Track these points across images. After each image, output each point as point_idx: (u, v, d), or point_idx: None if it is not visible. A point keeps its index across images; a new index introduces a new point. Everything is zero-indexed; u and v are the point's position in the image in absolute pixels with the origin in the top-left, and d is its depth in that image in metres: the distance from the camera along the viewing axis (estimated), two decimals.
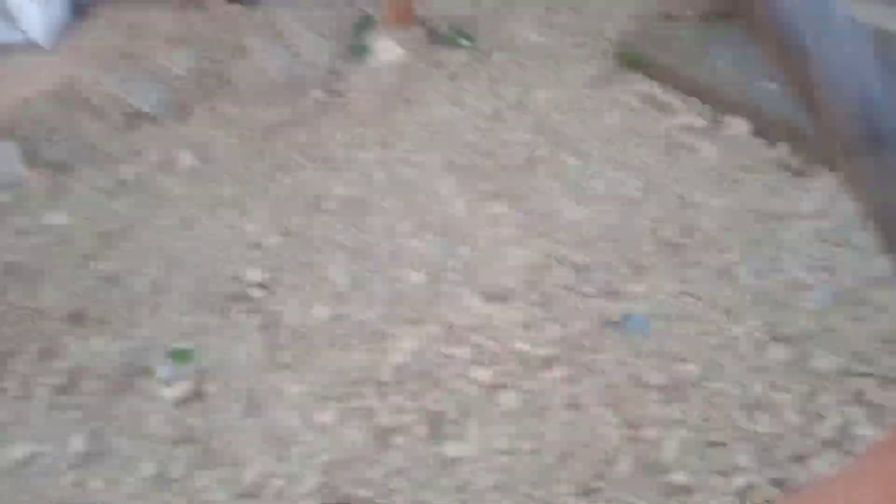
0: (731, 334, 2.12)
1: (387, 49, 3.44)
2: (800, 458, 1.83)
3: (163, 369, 2.13)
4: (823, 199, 2.55)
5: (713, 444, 1.88)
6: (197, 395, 2.07)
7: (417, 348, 2.13)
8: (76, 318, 2.28)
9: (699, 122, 2.95)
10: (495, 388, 2.00)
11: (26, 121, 3.16)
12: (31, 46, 3.66)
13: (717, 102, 3.04)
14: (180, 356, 2.16)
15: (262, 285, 2.36)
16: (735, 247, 2.40)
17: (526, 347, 2.09)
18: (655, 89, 3.16)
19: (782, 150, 2.77)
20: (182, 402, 2.05)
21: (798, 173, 2.68)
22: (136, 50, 3.57)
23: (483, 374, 2.03)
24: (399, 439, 1.93)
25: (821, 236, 2.42)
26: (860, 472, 0.40)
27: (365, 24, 3.68)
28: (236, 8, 4.00)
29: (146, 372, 2.14)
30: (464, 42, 3.57)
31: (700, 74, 3.13)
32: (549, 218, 2.57)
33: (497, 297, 2.27)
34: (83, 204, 2.74)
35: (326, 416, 1.99)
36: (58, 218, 2.66)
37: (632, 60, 3.34)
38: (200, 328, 2.25)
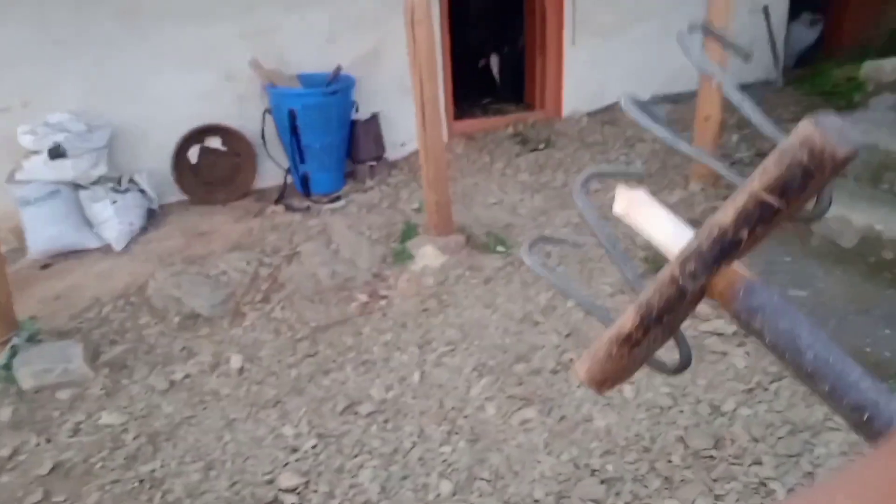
0: None
1: (427, 254, 3.68)
2: None
3: None
4: None
5: None
6: None
7: None
8: None
9: (727, 328, 3.01)
10: None
11: (93, 320, 3.43)
12: (105, 249, 4.04)
13: None
14: None
15: (294, 491, 2.41)
16: (769, 460, 2.36)
17: None
18: None
19: None
20: None
21: None
22: (199, 254, 3.90)
23: None
24: None
25: (857, 449, 2.37)
26: (863, 474, 0.40)
27: (409, 231, 3.97)
28: (294, 215, 4.38)
29: None
30: (499, 248, 3.80)
31: None
32: (577, 426, 2.59)
33: None
34: (136, 404, 2.90)
35: None
36: (112, 418, 2.81)
37: (661, 265, 3.49)
38: None
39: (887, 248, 3.18)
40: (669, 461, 2.40)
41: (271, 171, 4.80)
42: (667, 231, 0.76)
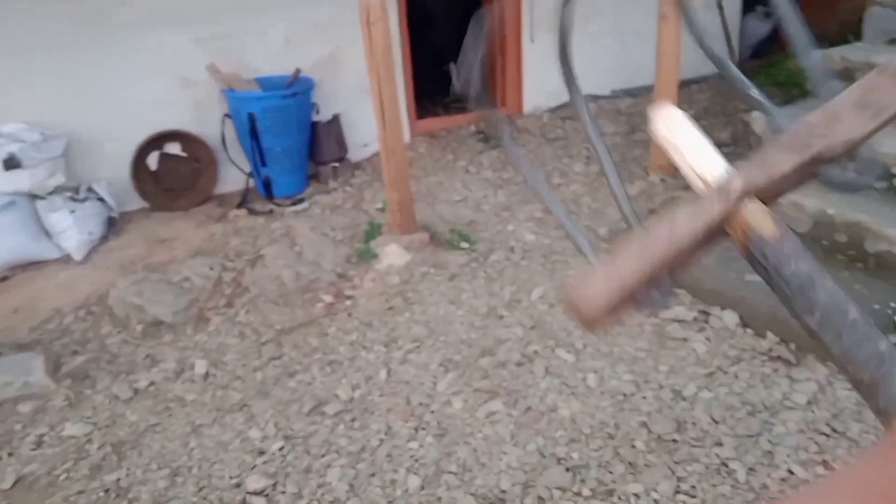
0: None
1: (392, 253, 3.69)
2: None
3: None
4: (814, 388, 2.60)
5: None
6: None
7: None
8: None
9: (687, 315, 3.07)
10: None
11: (54, 331, 3.39)
12: (64, 259, 3.99)
13: (704, 295, 3.18)
14: None
15: (262, 493, 2.40)
16: (729, 441, 2.42)
17: None
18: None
19: (771, 341, 2.86)
20: None
21: (788, 363, 2.75)
22: (161, 261, 3.87)
23: None
24: None
25: (813, 427, 2.43)
26: (862, 474, 0.40)
27: (372, 230, 3.97)
28: (257, 219, 4.36)
29: None
30: (463, 244, 3.82)
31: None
32: (543, 416, 2.62)
33: (492, 501, 2.28)
34: (100, 414, 2.86)
35: None
36: (75, 429, 2.77)
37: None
38: None
39: (840, 232, 3.26)
40: (633, 447, 2.44)
41: (233, 176, 4.76)
42: (701, 154, 0.78)
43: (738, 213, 0.67)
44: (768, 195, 0.69)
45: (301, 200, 4.60)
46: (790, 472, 2.26)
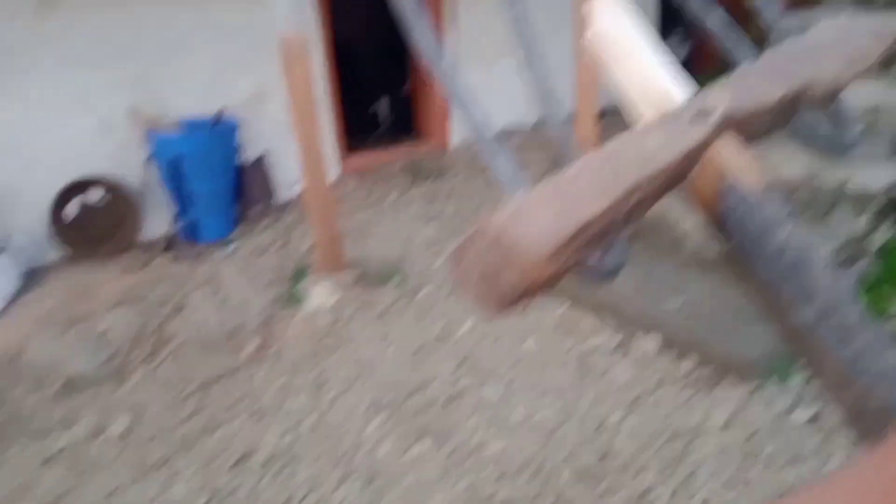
0: None
1: (320, 294, 3.66)
2: None
3: None
4: (732, 409, 2.66)
5: None
6: None
7: None
8: None
9: (611, 342, 3.12)
10: None
11: None
12: None
13: (626, 321, 3.23)
14: None
15: None
16: (651, 468, 2.45)
17: None
18: (570, 312, 3.37)
19: (690, 363, 2.92)
20: None
21: (707, 385, 2.81)
22: (81, 313, 3.74)
23: None
24: None
25: (732, 449, 2.49)
26: (863, 473, 0.39)
27: (300, 271, 3.94)
28: (182, 264, 4.27)
29: None
30: (393, 281, 3.81)
31: (609, 296, 3.35)
32: (471, 454, 2.62)
33: None
34: (14, 480, 2.73)
35: None
36: None
37: None
38: None
39: None
40: (559, 480, 2.45)
41: (157, 221, 4.66)
42: (659, 65, 0.57)
43: (713, 150, 0.50)
44: (744, 133, 0.53)
45: (228, 243, 4.53)
46: (710, 494, 2.31)
